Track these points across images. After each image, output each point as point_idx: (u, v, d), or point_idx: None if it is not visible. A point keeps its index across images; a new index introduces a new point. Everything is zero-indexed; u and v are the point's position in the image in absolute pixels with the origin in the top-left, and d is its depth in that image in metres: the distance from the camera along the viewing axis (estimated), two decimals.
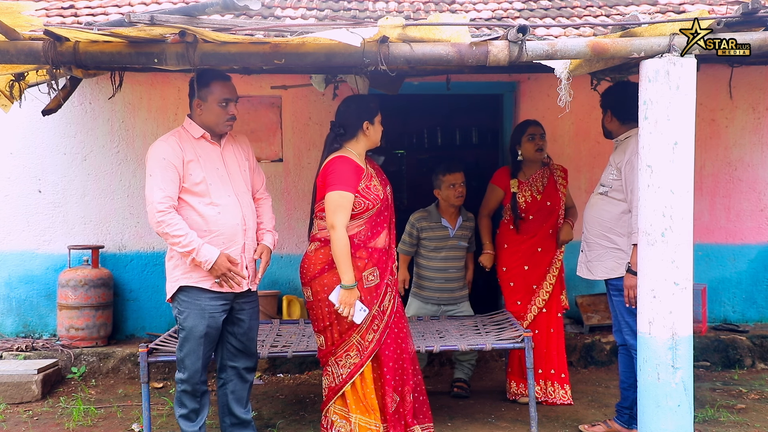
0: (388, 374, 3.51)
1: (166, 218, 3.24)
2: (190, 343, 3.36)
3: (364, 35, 2.92)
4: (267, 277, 5.60)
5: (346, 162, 3.50)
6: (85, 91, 5.65)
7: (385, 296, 3.54)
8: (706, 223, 5.91)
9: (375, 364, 3.53)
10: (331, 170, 3.49)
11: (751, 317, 5.99)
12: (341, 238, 3.39)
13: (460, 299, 4.84)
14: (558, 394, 4.53)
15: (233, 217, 3.40)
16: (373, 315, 3.49)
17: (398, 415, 3.53)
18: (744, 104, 5.93)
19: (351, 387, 3.50)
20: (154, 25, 2.87)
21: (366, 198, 3.48)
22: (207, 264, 3.29)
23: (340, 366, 3.52)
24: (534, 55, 3.14)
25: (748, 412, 4.42)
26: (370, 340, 3.49)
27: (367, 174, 3.55)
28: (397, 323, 3.59)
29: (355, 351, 3.49)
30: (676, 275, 3.16)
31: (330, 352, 3.54)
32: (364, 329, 3.48)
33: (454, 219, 4.79)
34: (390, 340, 3.54)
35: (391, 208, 3.66)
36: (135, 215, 5.74)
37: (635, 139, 3.54)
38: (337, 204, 3.41)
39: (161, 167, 3.28)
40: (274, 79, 5.43)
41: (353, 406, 3.50)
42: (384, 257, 3.56)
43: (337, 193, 3.42)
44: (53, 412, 4.55)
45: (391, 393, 3.50)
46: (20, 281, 5.73)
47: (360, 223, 3.51)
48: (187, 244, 3.26)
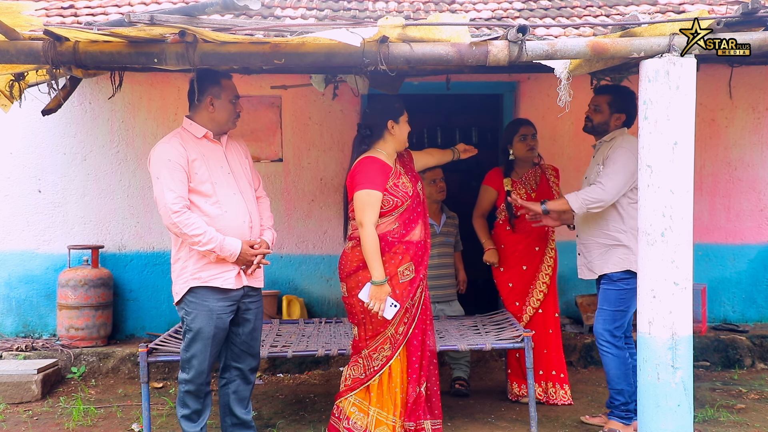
0: (414, 365, 3.58)
1: (181, 219, 3.22)
2: (197, 345, 3.34)
3: (364, 35, 2.92)
4: (267, 277, 5.52)
5: (373, 161, 3.58)
6: (85, 91, 5.66)
7: (417, 290, 3.60)
8: (706, 223, 5.92)
9: (402, 356, 3.59)
10: (358, 170, 3.58)
11: (750, 317, 5.99)
12: (369, 234, 3.48)
13: (451, 297, 4.94)
14: (558, 394, 4.54)
15: (239, 215, 3.39)
16: (406, 308, 3.56)
17: (415, 406, 3.60)
18: (744, 104, 5.93)
19: (378, 380, 3.56)
20: (154, 25, 2.87)
21: (394, 195, 3.56)
22: (232, 257, 3.30)
23: (373, 359, 3.59)
24: (534, 55, 3.14)
25: (747, 412, 4.42)
26: (401, 332, 3.57)
27: (396, 172, 3.61)
28: (423, 315, 3.66)
29: (389, 344, 3.57)
30: (676, 275, 3.16)
31: (365, 344, 3.60)
32: (397, 322, 3.55)
33: (438, 216, 4.89)
34: (418, 331, 3.61)
35: (423, 204, 3.73)
36: (135, 215, 5.74)
37: (620, 138, 3.83)
38: (365, 202, 3.50)
39: (168, 169, 3.25)
40: (274, 79, 5.42)
41: (375, 399, 3.56)
42: (420, 251, 3.63)
43: (365, 192, 3.51)
44: (53, 412, 4.55)
45: (414, 384, 3.58)
46: (20, 281, 5.73)
47: (392, 221, 3.58)
48: (207, 242, 3.24)
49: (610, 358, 3.84)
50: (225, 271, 3.34)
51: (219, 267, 3.33)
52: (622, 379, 3.83)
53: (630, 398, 3.79)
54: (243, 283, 3.40)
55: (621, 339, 3.84)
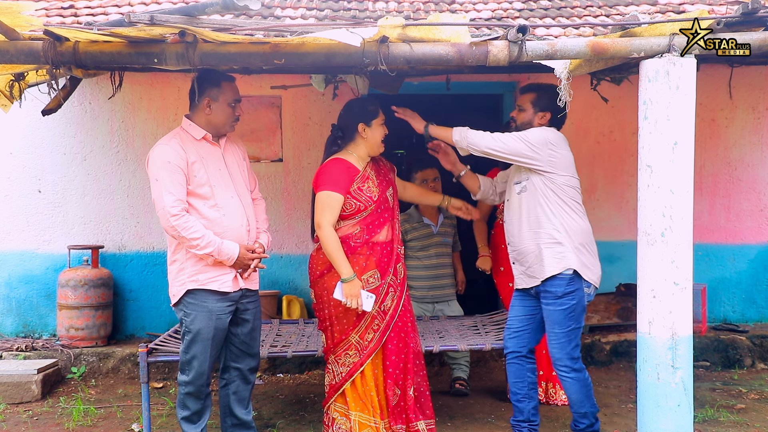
0: (390, 368, 3.55)
1: (180, 222, 3.21)
2: (197, 346, 3.33)
3: (364, 35, 2.92)
4: (267, 277, 5.60)
5: (340, 163, 3.56)
6: (85, 91, 5.65)
7: (386, 296, 3.56)
8: (706, 223, 5.91)
9: (377, 360, 3.57)
10: (323, 171, 3.57)
11: (750, 317, 5.99)
12: (328, 235, 3.46)
13: (450, 297, 4.94)
14: (558, 394, 4.54)
15: (237, 219, 3.38)
16: (373, 315, 3.52)
17: (399, 409, 3.57)
18: (744, 104, 5.93)
19: (351, 385, 3.54)
20: (154, 25, 2.87)
21: (357, 199, 3.53)
22: (230, 260, 3.30)
23: (339, 364, 3.56)
24: (534, 55, 3.13)
25: (747, 412, 4.42)
26: (369, 339, 3.52)
27: (363, 175, 3.57)
28: (402, 318, 3.62)
29: (354, 350, 3.53)
30: (676, 275, 3.16)
31: (330, 350, 3.58)
32: (363, 329, 3.52)
33: (435, 217, 4.91)
34: (393, 334, 3.58)
35: (392, 209, 3.67)
36: (135, 215, 5.74)
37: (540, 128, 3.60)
38: (324, 203, 3.49)
39: (168, 171, 3.23)
40: (274, 79, 5.42)
41: (353, 403, 3.53)
42: (386, 256, 3.58)
43: (325, 194, 3.50)
44: (53, 412, 4.55)
45: (392, 386, 3.55)
46: (20, 281, 5.73)
47: (353, 224, 3.55)
48: (205, 246, 3.23)
49: (570, 383, 3.55)
50: (222, 274, 3.33)
51: (216, 270, 3.32)
52: (585, 402, 3.57)
53: (595, 419, 3.61)
54: (240, 286, 3.39)
55: (579, 360, 3.55)
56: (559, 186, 3.50)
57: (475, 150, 3.57)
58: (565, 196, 3.51)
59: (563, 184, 3.51)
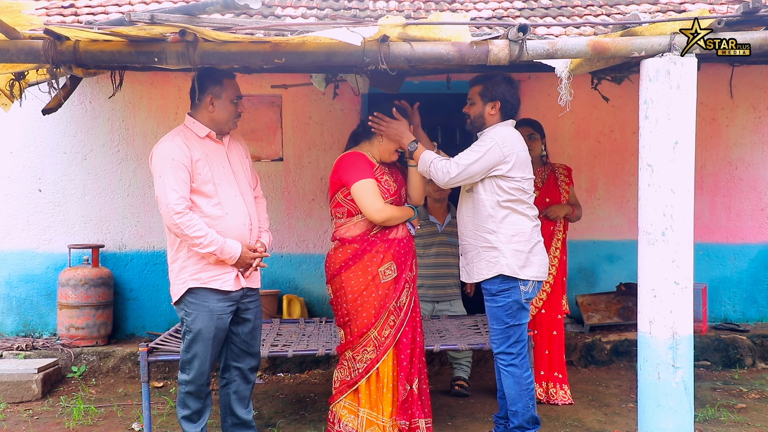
0: (403, 362, 3.57)
1: (183, 220, 3.19)
2: (198, 345, 3.32)
3: (364, 34, 2.92)
4: (267, 277, 5.59)
5: (358, 156, 3.59)
6: (86, 90, 5.65)
7: (402, 292, 3.58)
8: (707, 223, 5.91)
9: (389, 358, 3.58)
10: (344, 166, 3.57)
11: (751, 316, 5.99)
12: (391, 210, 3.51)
13: (454, 296, 4.91)
14: (558, 394, 4.54)
15: (239, 217, 3.38)
16: (390, 311, 3.54)
17: (406, 405, 3.59)
18: (745, 103, 5.92)
19: (366, 382, 3.55)
20: (155, 24, 2.87)
21: (381, 186, 3.55)
22: (232, 259, 3.30)
23: (357, 361, 3.57)
24: (534, 55, 3.13)
25: (748, 411, 4.42)
26: (386, 335, 3.55)
27: (380, 169, 3.61)
28: (413, 316, 3.65)
29: (372, 347, 3.55)
30: (677, 274, 3.15)
31: (349, 346, 3.59)
32: (380, 325, 3.53)
33: (442, 215, 4.89)
34: (408, 329, 3.60)
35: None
36: (135, 214, 5.74)
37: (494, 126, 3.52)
38: (369, 191, 3.49)
39: (172, 168, 3.22)
40: (275, 78, 5.42)
41: (364, 400, 3.55)
42: (403, 250, 3.61)
43: (362, 183, 3.49)
44: (53, 412, 4.55)
45: (403, 382, 3.57)
46: (20, 280, 5.73)
47: None
48: (208, 244, 3.22)
49: (506, 376, 3.57)
50: (224, 273, 3.33)
51: (218, 269, 3.32)
52: (518, 400, 3.55)
53: (526, 423, 3.55)
54: (241, 284, 3.39)
55: (519, 357, 3.54)
56: (504, 190, 3.45)
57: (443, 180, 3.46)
58: (511, 198, 3.47)
59: (510, 187, 3.45)
